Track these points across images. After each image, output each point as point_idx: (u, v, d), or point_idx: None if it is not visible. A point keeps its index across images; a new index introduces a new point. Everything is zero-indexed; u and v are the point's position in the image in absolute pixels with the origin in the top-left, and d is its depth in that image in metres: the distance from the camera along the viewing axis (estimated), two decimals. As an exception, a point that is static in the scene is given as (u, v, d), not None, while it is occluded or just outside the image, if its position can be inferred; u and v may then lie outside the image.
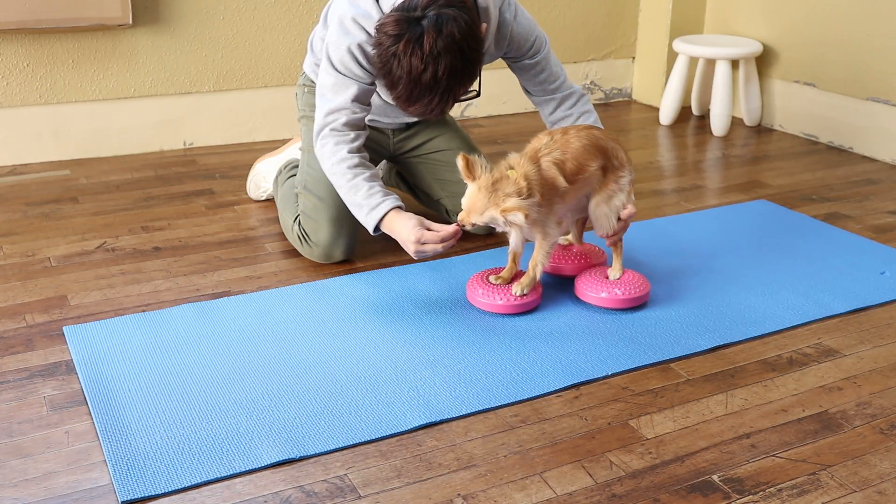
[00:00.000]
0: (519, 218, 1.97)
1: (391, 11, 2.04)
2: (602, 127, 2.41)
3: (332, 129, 2.23)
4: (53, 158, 3.26)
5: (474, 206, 2.03)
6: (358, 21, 2.16)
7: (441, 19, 1.97)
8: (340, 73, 2.21)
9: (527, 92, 2.46)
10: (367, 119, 2.50)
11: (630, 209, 2.22)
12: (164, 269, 2.42)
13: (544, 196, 2.05)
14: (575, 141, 2.11)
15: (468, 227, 2.08)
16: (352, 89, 2.21)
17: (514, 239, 2.13)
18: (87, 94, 3.25)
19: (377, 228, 2.20)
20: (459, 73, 2.01)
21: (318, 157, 2.26)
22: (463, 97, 2.14)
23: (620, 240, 2.24)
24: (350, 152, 2.22)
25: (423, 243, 2.11)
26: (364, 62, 2.18)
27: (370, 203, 2.18)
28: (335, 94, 2.22)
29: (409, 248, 2.14)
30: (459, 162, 2.04)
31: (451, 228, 2.10)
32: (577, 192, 2.14)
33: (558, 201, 2.09)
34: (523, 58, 2.35)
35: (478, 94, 2.22)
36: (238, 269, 2.42)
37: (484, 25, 2.11)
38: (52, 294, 2.27)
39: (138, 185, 3.06)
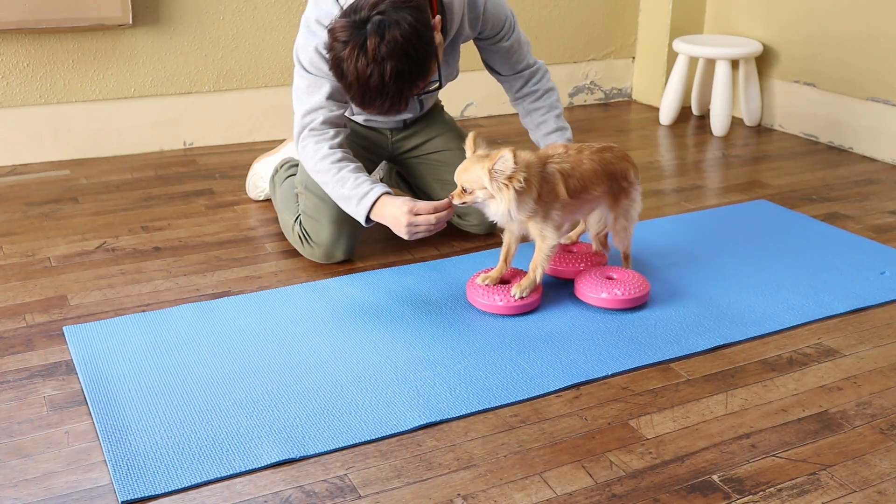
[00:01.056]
0: (507, 158, 1.96)
1: (341, 15, 2.04)
2: (561, 105, 2.48)
3: (311, 130, 2.24)
4: (53, 158, 3.26)
5: (463, 167, 2.06)
6: (321, 22, 2.17)
7: (384, 24, 1.96)
8: (311, 73, 2.22)
9: (493, 71, 2.48)
10: (362, 120, 2.50)
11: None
12: (164, 269, 2.42)
13: (542, 196, 2.05)
14: (587, 163, 2.14)
15: (457, 202, 2.08)
16: (325, 88, 2.22)
17: (500, 210, 2.04)
18: (87, 94, 3.25)
19: (369, 219, 2.20)
20: (406, 74, 2.00)
21: (302, 160, 2.27)
22: (423, 91, 2.14)
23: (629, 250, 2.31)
24: (331, 148, 2.22)
25: (416, 214, 2.10)
26: None
27: (358, 193, 2.18)
28: (310, 95, 2.24)
29: (402, 223, 2.12)
30: (469, 137, 2.09)
31: (444, 200, 2.11)
32: (576, 208, 2.16)
33: (557, 208, 2.10)
34: (499, 40, 2.36)
35: (440, 86, 2.23)
36: (238, 269, 2.42)
37: (438, 18, 2.11)
38: (52, 294, 2.27)
39: (138, 185, 3.06)
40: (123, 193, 2.97)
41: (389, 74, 1.98)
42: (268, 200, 2.90)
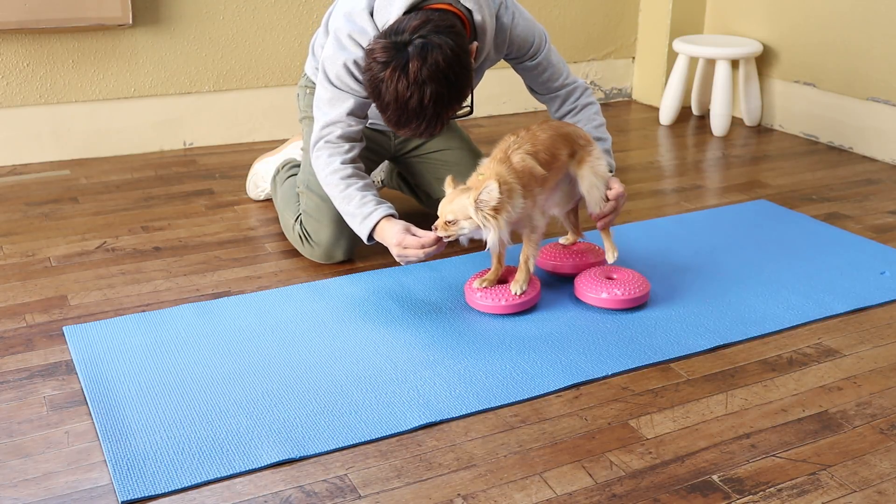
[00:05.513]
0: (492, 188, 1.97)
1: (380, 36, 2.04)
2: (603, 118, 2.45)
3: (327, 142, 2.24)
4: (53, 158, 3.26)
5: (447, 199, 2.07)
6: (354, 38, 2.17)
7: (426, 47, 1.96)
8: (336, 87, 2.22)
9: (531, 90, 2.47)
10: (367, 122, 2.50)
11: (617, 188, 2.24)
12: (164, 269, 2.42)
13: (525, 187, 2.06)
14: (541, 133, 2.15)
15: (442, 234, 2.06)
16: (348, 103, 2.22)
17: (491, 239, 2.05)
18: (87, 94, 3.25)
19: (371, 238, 2.21)
20: (445, 99, 2.01)
21: (314, 169, 2.28)
22: (454, 115, 2.14)
23: (610, 222, 2.28)
24: (343, 163, 2.23)
25: (405, 248, 2.11)
26: (360, 76, 2.19)
27: (362, 212, 2.19)
28: (331, 107, 2.24)
29: (393, 252, 2.15)
30: (448, 179, 2.11)
31: (432, 236, 2.09)
32: (553, 178, 2.17)
33: (538, 191, 2.11)
34: (525, 59, 2.36)
35: (470, 111, 2.21)
36: (238, 269, 2.42)
37: (475, 45, 2.12)
38: (52, 294, 2.27)
39: (138, 185, 3.06)
40: (123, 193, 2.97)
41: (429, 98, 1.98)
42: (268, 200, 2.90)
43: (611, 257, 2.27)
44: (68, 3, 3.05)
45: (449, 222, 2.04)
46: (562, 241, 2.41)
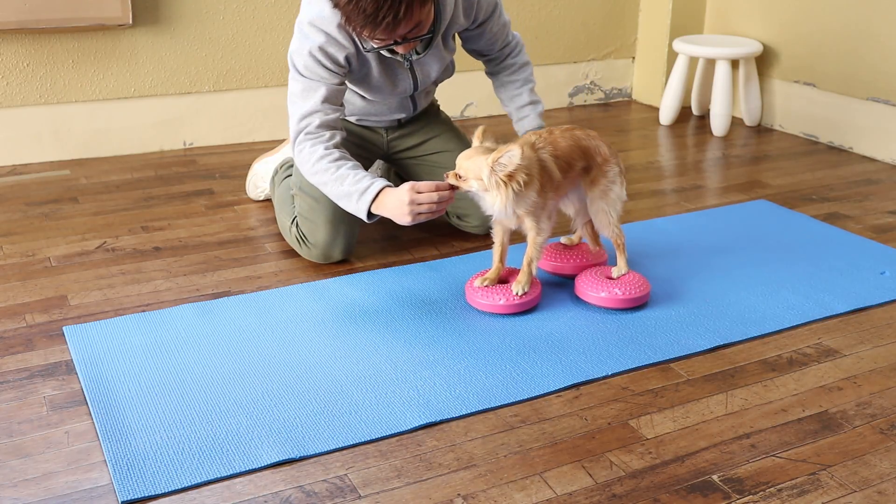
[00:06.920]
0: (515, 154, 1.96)
1: None
2: (534, 80, 2.51)
3: (307, 133, 2.22)
4: (53, 158, 3.26)
5: (466, 154, 2.06)
6: (314, 24, 2.17)
7: None
8: (307, 77, 2.22)
9: (476, 53, 2.49)
10: (355, 120, 2.50)
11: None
12: (164, 269, 2.42)
13: (543, 185, 2.06)
14: (561, 141, 2.15)
15: (452, 182, 2.07)
16: (321, 91, 2.21)
17: (497, 207, 2.03)
18: (87, 94, 3.25)
19: (371, 214, 2.18)
20: None
21: (299, 164, 2.25)
22: (416, 36, 2.10)
23: (621, 238, 2.25)
24: (327, 149, 2.21)
25: (419, 192, 2.08)
26: (328, 63, 2.19)
27: (359, 188, 2.16)
28: (305, 99, 2.23)
29: (405, 201, 2.09)
30: (478, 129, 2.10)
31: (444, 182, 2.10)
32: (566, 187, 2.17)
33: (552, 195, 2.11)
34: (489, 23, 2.38)
35: (432, 34, 2.23)
36: (238, 269, 2.42)
37: None
38: (52, 294, 2.27)
39: (138, 185, 3.06)
40: (123, 193, 2.97)
41: None
42: (268, 200, 2.90)
43: (618, 271, 2.25)
44: (68, 3, 3.05)
45: (460, 177, 2.05)
46: (563, 240, 2.41)
